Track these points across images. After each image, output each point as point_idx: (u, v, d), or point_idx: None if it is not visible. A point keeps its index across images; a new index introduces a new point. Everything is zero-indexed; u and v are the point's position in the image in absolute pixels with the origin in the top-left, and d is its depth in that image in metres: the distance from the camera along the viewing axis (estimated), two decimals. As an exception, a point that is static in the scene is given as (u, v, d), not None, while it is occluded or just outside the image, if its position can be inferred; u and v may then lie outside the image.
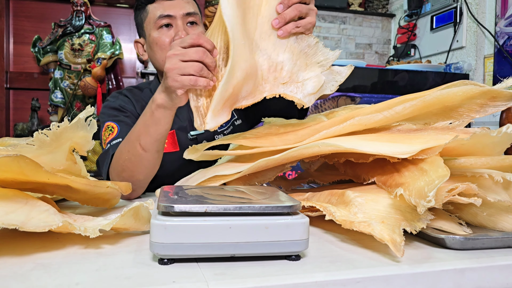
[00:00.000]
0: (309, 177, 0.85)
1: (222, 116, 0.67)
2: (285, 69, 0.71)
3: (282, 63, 0.71)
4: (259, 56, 0.70)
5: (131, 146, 0.82)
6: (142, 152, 0.81)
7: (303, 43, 0.72)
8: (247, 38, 0.68)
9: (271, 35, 0.70)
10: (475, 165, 0.57)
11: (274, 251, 0.45)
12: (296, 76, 0.71)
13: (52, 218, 0.48)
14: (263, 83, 0.70)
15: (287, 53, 0.71)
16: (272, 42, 0.71)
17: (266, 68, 0.70)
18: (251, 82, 0.68)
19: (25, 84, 2.70)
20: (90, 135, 0.62)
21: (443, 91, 0.60)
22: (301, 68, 0.71)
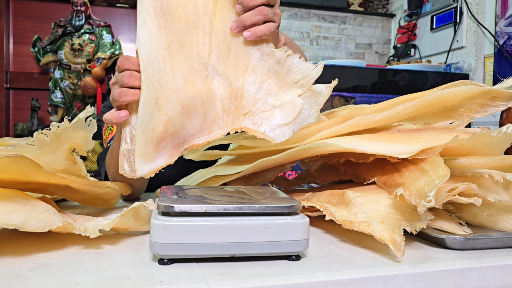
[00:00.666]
0: (309, 177, 0.85)
1: (159, 160, 0.57)
2: (246, 95, 0.59)
3: (242, 88, 0.58)
4: (218, 83, 0.58)
5: (117, 144, 0.80)
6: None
7: (270, 60, 0.58)
8: (189, 63, 0.56)
9: (230, 55, 0.58)
10: (475, 165, 0.57)
11: (274, 251, 0.45)
12: (263, 103, 0.59)
13: (52, 218, 0.48)
14: (224, 115, 0.59)
15: (248, 75, 0.59)
16: (233, 63, 0.58)
17: (227, 97, 0.59)
18: (196, 116, 0.57)
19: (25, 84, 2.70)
20: (90, 135, 0.62)
21: (443, 91, 0.60)
22: (271, 92, 0.59)
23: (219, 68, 0.58)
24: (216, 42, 0.57)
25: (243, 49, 0.58)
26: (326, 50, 2.87)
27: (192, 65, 0.57)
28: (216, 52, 0.58)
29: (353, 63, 2.16)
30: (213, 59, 0.58)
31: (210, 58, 0.58)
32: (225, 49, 0.58)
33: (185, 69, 0.56)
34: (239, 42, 0.58)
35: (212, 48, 0.57)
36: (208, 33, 0.57)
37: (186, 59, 0.56)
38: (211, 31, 0.57)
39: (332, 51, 2.88)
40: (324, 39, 2.86)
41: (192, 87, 0.57)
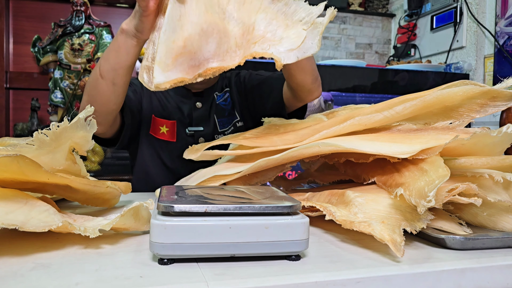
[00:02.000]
0: (309, 177, 0.85)
1: (174, 73, 0.62)
2: (257, 28, 0.67)
3: (254, 23, 0.67)
4: (233, 26, 0.67)
5: (95, 70, 0.82)
6: (99, 78, 0.80)
7: (279, 3, 0.69)
8: (211, 4, 0.66)
9: (245, 2, 0.68)
10: (476, 165, 0.57)
11: (274, 251, 0.44)
12: (272, 34, 0.67)
13: (52, 218, 0.48)
14: (236, 49, 0.66)
15: (260, 13, 0.68)
16: (247, 8, 0.68)
17: (240, 35, 0.66)
18: (213, 41, 0.64)
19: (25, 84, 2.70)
20: (89, 135, 0.62)
21: (443, 91, 0.60)
22: (279, 27, 0.67)
23: (234, 14, 0.67)
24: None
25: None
26: (326, 50, 2.87)
27: (213, 6, 0.66)
28: (233, 2, 0.68)
29: (353, 63, 2.16)
30: (230, 7, 0.68)
31: (228, 5, 0.68)
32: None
33: (207, 4, 0.66)
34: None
35: (230, 0, 0.68)
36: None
37: (208, 2, 0.66)
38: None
39: (332, 51, 2.88)
40: (324, 39, 2.86)
41: (211, 16, 0.66)
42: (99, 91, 0.82)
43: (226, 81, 1.20)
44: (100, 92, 0.82)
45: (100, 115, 0.84)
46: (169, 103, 1.12)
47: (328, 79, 2.02)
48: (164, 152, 1.09)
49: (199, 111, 1.11)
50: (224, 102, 1.16)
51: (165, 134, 1.08)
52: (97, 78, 0.81)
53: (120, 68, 0.79)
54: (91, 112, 0.60)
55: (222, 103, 1.16)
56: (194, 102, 1.12)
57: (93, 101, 0.82)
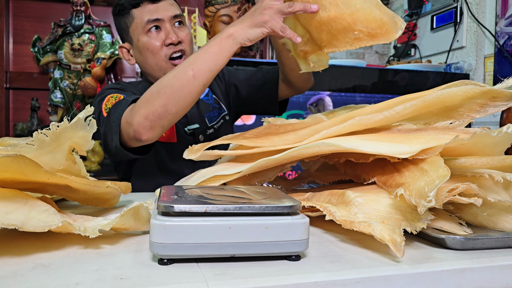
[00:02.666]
0: (309, 177, 0.85)
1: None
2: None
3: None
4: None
5: (182, 71, 0.81)
6: (191, 79, 0.79)
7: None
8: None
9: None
10: (476, 165, 0.57)
11: (274, 251, 0.44)
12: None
13: (52, 218, 0.48)
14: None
15: None
16: None
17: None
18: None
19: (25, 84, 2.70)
20: (89, 135, 0.62)
21: (443, 91, 0.60)
22: None
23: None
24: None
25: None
26: (326, 50, 2.86)
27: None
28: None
29: (353, 63, 2.16)
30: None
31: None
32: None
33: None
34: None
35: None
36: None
37: None
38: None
39: (332, 51, 2.88)
40: (324, 39, 2.85)
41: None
42: (186, 92, 0.80)
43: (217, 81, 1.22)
44: (187, 93, 0.81)
45: (174, 119, 0.84)
46: None
47: (328, 79, 2.02)
48: (165, 155, 1.08)
49: (190, 109, 1.12)
50: (206, 97, 1.18)
51: (164, 136, 1.08)
52: (188, 80, 0.79)
53: (217, 70, 0.80)
54: (90, 112, 0.60)
55: (204, 98, 1.17)
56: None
57: (175, 103, 0.81)
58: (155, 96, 0.82)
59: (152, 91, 0.83)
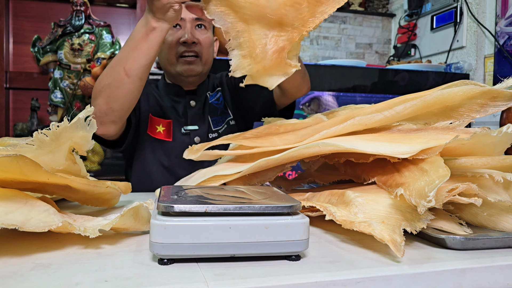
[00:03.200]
0: (309, 177, 0.85)
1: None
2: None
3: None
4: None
5: (114, 71, 0.81)
6: (125, 77, 0.80)
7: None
8: None
9: None
10: (476, 165, 0.57)
11: (274, 251, 0.44)
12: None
13: (52, 218, 0.48)
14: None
15: None
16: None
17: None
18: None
19: (25, 84, 2.70)
20: (89, 135, 0.62)
21: (443, 91, 0.60)
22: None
23: None
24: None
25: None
26: (326, 50, 2.87)
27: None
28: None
29: (353, 63, 2.16)
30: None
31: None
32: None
33: None
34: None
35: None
36: None
37: None
38: None
39: (332, 51, 2.88)
40: (324, 39, 2.85)
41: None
42: (123, 90, 0.81)
43: (217, 81, 1.21)
44: (125, 91, 0.81)
45: (121, 114, 0.85)
46: (164, 102, 1.12)
47: (328, 79, 2.02)
48: (161, 152, 1.09)
49: (193, 110, 1.12)
50: (216, 101, 1.17)
51: (161, 134, 1.08)
52: (121, 79, 0.80)
53: (150, 63, 0.80)
54: (90, 112, 0.60)
55: (214, 102, 1.17)
56: (188, 101, 1.12)
57: (115, 101, 0.81)
58: (97, 95, 0.84)
59: (95, 89, 0.85)
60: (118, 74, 0.80)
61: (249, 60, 0.70)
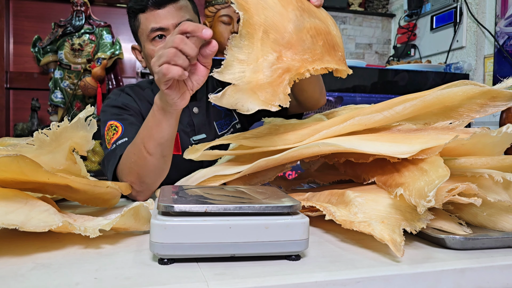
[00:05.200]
0: (309, 177, 0.85)
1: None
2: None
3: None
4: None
5: (137, 149, 0.80)
6: (147, 156, 0.79)
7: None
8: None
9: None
10: (475, 165, 0.57)
11: (274, 251, 0.45)
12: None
13: (52, 218, 0.48)
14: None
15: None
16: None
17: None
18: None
19: (25, 84, 2.70)
20: (90, 135, 0.62)
21: (443, 91, 0.60)
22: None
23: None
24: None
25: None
26: (326, 50, 2.87)
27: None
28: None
29: (353, 63, 2.16)
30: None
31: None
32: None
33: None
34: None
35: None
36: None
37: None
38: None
39: (332, 51, 2.88)
40: (324, 39, 2.85)
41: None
42: (149, 168, 0.80)
43: (216, 80, 1.17)
44: (151, 169, 0.80)
45: (155, 184, 0.84)
46: None
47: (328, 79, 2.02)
48: (171, 166, 1.07)
49: (198, 117, 1.10)
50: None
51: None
52: (144, 158, 0.79)
53: (166, 141, 0.77)
54: (91, 112, 0.60)
55: (217, 105, 1.15)
56: (191, 108, 1.10)
57: (145, 176, 0.80)
58: (127, 172, 0.83)
59: (123, 167, 0.84)
60: (141, 153, 0.79)
61: (245, 67, 0.59)
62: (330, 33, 0.66)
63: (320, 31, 0.65)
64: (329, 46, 0.66)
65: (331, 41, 0.66)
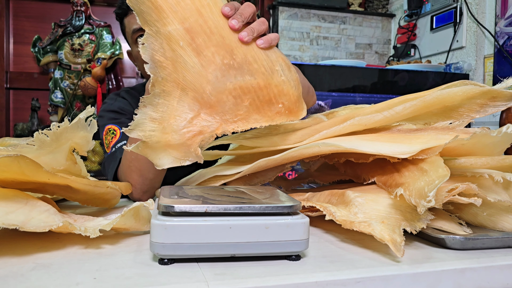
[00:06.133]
0: (309, 177, 0.85)
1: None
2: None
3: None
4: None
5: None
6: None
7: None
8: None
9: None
10: (475, 165, 0.57)
11: (274, 251, 0.45)
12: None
13: (52, 218, 0.48)
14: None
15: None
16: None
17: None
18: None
19: (25, 84, 2.70)
20: (90, 135, 0.62)
21: (443, 91, 0.60)
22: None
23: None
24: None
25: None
26: (326, 50, 2.87)
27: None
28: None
29: (353, 63, 2.16)
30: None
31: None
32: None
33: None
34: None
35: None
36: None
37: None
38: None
39: (332, 51, 2.88)
40: (324, 39, 2.86)
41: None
42: (149, 161, 0.80)
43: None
44: (143, 160, 0.79)
45: (158, 180, 0.83)
46: None
47: (328, 79, 2.02)
48: (167, 172, 1.07)
49: None
50: None
51: None
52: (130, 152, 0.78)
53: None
54: (91, 112, 0.60)
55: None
56: None
57: (147, 171, 0.80)
58: (128, 171, 0.82)
59: (124, 167, 0.84)
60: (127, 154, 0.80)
61: (156, 126, 0.58)
62: (265, 88, 0.61)
63: (248, 89, 0.60)
64: (260, 103, 0.61)
65: (266, 96, 0.61)
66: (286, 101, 0.63)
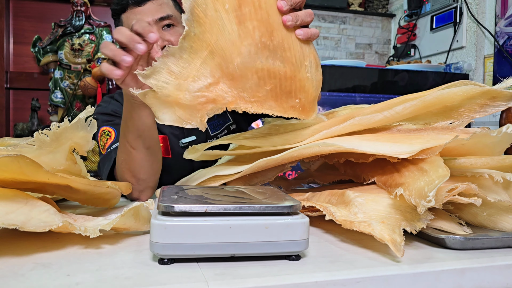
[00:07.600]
0: (309, 177, 0.85)
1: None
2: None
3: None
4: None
5: (122, 146, 0.80)
6: (132, 150, 0.78)
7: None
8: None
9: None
10: (475, 165, 0.57)
11: (274, 251, 0.45)
12: None
13: (52, 218, 0.48)
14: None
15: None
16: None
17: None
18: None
19: (25, 84, 2.70)
20: (90, 135, 0.62)
21: (443, 91, 0.60)
22: None
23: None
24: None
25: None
26: (326, 50, 2.87)
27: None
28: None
29: (353, 63, 2.16)
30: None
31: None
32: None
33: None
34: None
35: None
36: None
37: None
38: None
39: (332, 51, 2.88)
40: (324, 39, 2.86)
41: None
42: (138, 163, 0.79)
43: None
44: (139, 163, 0.79)
45: (153, 179, 0.83)
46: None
47: (328, 79, 2.02)
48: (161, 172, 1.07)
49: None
50: None
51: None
52: (130, 152, 0.78)
53: (143, 133, 0.76)
54: (91, 112, 0.60)
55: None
56: None
57: (137, 171, 0.80)
58: (121, 172, 0.82)
59: (118, 168, 0.84)
60: (126, 148, 0.79)
61: (172, 79, 0.56)
62: (290, 79, 0.60)
63: (275, 75, 0.59)
64: (280, 92, 0.61)
65: (288, 87, 0.60)
66: (304, 98, 0.62)
